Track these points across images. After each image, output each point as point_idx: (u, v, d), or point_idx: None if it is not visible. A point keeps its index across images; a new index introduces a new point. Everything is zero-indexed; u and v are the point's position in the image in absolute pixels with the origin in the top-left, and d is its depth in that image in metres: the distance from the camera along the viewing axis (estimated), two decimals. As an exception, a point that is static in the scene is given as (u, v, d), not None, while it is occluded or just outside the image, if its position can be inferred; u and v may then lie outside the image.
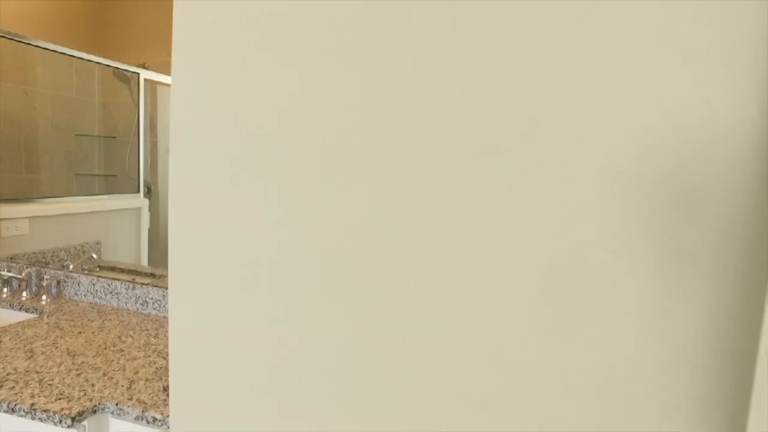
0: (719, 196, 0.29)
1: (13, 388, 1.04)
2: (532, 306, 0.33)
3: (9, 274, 1.64)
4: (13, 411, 0.99)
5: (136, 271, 1.70)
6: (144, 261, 1.75)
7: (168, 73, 1.72)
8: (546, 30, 0.31)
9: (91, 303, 1.64)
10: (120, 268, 1.71)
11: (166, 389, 1.07)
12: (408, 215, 0.34)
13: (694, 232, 0.30)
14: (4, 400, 1.00)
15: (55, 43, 1.81)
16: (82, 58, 1.84)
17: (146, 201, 1.82)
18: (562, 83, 0.31)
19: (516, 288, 0.33)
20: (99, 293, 1.64)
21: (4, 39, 1.78)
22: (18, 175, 1.85)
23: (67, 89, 1.89)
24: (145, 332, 1.39)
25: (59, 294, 1.69)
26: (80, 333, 1.36)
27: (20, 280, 1.66)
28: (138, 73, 1.80)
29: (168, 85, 1.75)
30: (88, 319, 1.48)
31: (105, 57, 1.81)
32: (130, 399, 1.01)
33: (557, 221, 0.32)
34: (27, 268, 1.69)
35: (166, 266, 1.68)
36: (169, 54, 1.71)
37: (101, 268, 1.72)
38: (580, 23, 0.30)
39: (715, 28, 0.28)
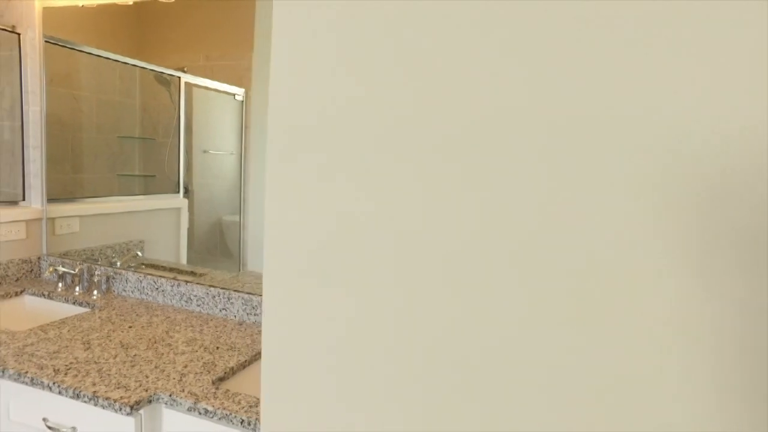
0: (762, 194, 0.32)
1: (76, 375, 1.14)
2: (568, 308, 0.38)
3: (63, 269, 1.76)
4: (77, 397, 1.09)
5: (178, 269, 1.79)
6: (183, 259, 1.85)
7: (204, 76, 1.81)
8: (592, 31, 0.36)
9: (138, 299, 1.75)
10: (162, 266, 1.81)
11: (215, 383, 1.15)
12: (450, 213, 0.40)
13: (735, 231, 0.33)
14: (69, 387, 1.09)
15: (100, 49, 1.92)
16: (126, 63, 1.94)
17: (186, 201, 1.91)
18: (603, 82, 0.36)
19: (554, 290, 0.38)
20: (145, 290, 1.74)
21: (56, 46, 1.91)
22: (66, 175, 1.98)
23: (110, 93, 2.00)
24: (191, 328, 1.48)
25: (108, 290, 1.80)
26: (130, 327, 1.46)
27: (73, 275, 1.78)
28: (179, 77, 1.89)
29: (205, 88, 1.83)
30: (137, 314, 1.58)
31: (146, 61, 1.91)
32: (182, 391, 1.09)
33: (597, 219, 0.37)
34: (79, 264, 1.81)
35: (203, 264, 1.77)
36: (206, 58, 1.80)
37: (145, 265, 1.82)
38: (628, 24, 0.35)
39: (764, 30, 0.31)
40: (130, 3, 1.82)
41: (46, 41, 1.90)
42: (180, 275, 1.75)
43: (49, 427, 1.15)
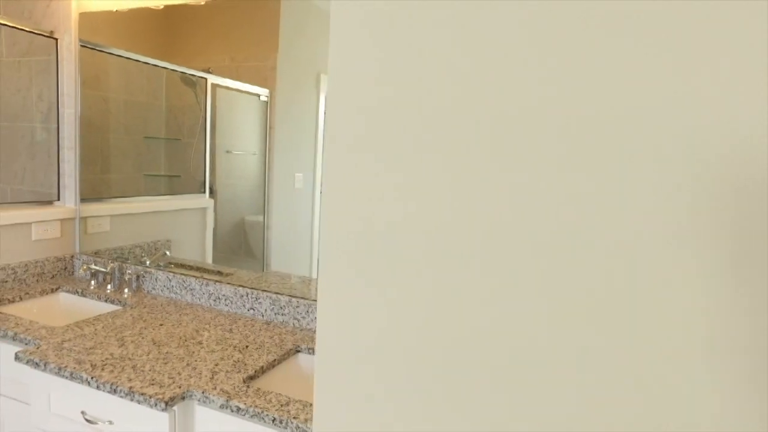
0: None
1: (112, 371, 1.18)
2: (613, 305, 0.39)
3: (96, 267, 1.82)
4: (114, 392, 1.13)
5: (204, 269, 1.83)
6: (209, 259, 1.89)
7: (229, 76, 1.85)
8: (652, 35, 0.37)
9: (167, 298, 1.79)
10: (189, 266, 1.86)
11: (245, 381, 1.18)
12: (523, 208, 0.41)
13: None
14: (106, 382, 1.13)
15: (129, 51, 1.98)
16: (153, 64, 2.00)
17: (212, 201, 1.95)
18: (637, 82, 0.37)
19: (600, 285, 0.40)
20: (174, 288, 1.79)
21: (89, 49, 1.97)
22: (95, 175, 2.04)
23: (137, 94, 2.05)
24: (220, 327, 1.52)
25: (138, 288, 1.85)
26: (161, 325, 1.50)
27: (105, 273, 1.83)
28: (205, 78, 1.93)
29: (230, 89, 1.87)
30: (167, 313, 1.62)
31: (173, 63, 1.95)
32: (214, 388, 1.12)
33: (635, 215, 0.38)
34: (111, 263, 1.87)
35: (227, 264, 1.81)
36: (232, 59, 1.84)
37: (174, 265, 1.87)
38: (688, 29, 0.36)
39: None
40: (161, 7, 1.87)
41: (81, 45, 1.96)
42: (207, 274, 1.79)
43: (87, 420, 1.20)
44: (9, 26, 1.88)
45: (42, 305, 1.78)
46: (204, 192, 1.96)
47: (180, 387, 1.13)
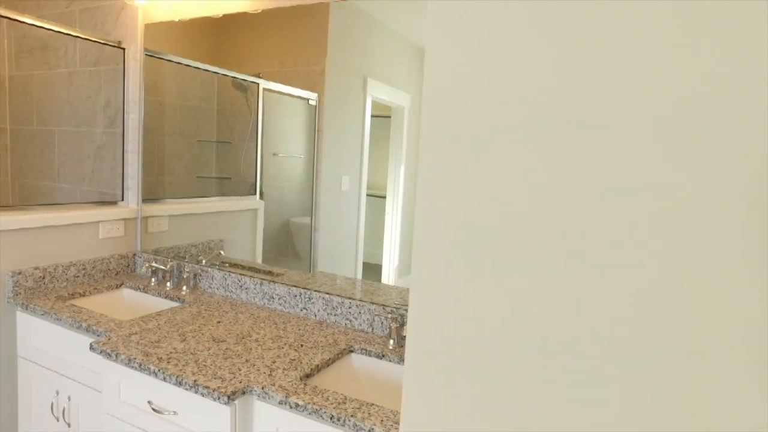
0: None
1: (177, 364, 1.25)
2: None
3: (156, 265, 1.92)
4: (180, 384, 1.19)
5: (256, 269, 1.90)
6: (259, 259, 1.95)
7: (279, 81, 1.91)
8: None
9: (223, 296, 1.87)
10: (242, 265, 1.93)
11: (302, 378, 1.22)
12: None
13: None
14: (172, 374, 1.20)
15: (184, 58, 2.07)
16: (206, 70, 2.08)
17: (262, 203, 2.01)
18: (714, 85, 0.38)
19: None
20: (230, 287, 1.86)
21: (151, 58, 2.08)
22: (153, 177, 2.15)
23: (191, 99, 2.15)
24: (275, 326, 1.57)
25: (196, 286, 1.94)
26: (219, 322, 1.57)
27: (165, 271, 1.93)
28: (257, 83, 1.99)
29: (281, 93, 1.92)
30: (223, 310, 1.69)
31: (225, 68, 2.03)
32: (273, 385, 1.17)
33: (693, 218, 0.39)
34: (170, 261, 1.96)
35: (275, 264, 1.87)
36: (281, 64, 1.89)
37: (228, 264, 1.95)
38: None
39: None
40: (219, 15, 1.95)
41: (145, 54, 2.08)
42: (259, 274, 1.85)
43: (154, 410, 1.27)
44: (82, 38, 2.01)
45: (108, 299, 1.89)
46: (254, 194, 2.02)
47: (240, 382, 1.18)
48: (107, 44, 2.07)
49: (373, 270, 1.71)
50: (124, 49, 2.09)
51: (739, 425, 0.39)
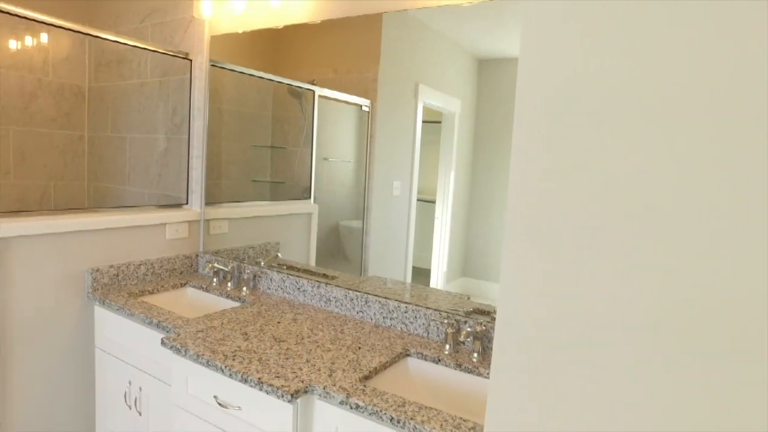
0: None
1: (242, 362, 1.31)
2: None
3: (218, 266, 2.01)
4: (245, 381, 1.25)
5: (311, 271, 1.95)
6: (312, 261, 2.01)
7: (332, 87, 1.95)
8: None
9: (281, 297, 1.94)
10: (297, 267, 1.99)
11: (361, 380, 1.25)
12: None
13: None
14: (238, 371, 1.26)
15: (242, 66, 2.16)
16: (265, 78, 2.16)
17: (317, 206, 2.06)
18: None
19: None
20: (288, 289, 1.93)
21: (215, 68, 2.18)
22: (212, 181, 2.25)
23: (248, 106, 2.24)
24: (332, 328, 1.62)
25: (255, 287, 2.02)
26: (279, 323, 1.64)
27: (226, 272, 2.02)
28: (313, 90, 2.05)
29: (335, 100, 1.97)
30: (282, 311, 1.76)
31: (280, 76, 2.10)
32: (334, 385, 1.21)
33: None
34: (231, 262, 2.06)
35: (325, 267, 1.91)
36: (335, 71, 1.94)
37: (286, 267, 2.02)
38: None
39: None
40: (280, 27, 2.02)
41: (210, 64, 2.19)
42: (314, 277, 1.91)
43: (219, 404, 1.34)
44: (154, 51, 2.14)
45: (173, 297, 2.00)
46: (308, 198, 2.08)
47: (302, 381, 1.22)
48: (176, 56, 2.19)
49: (421, 274, 1.73)
50: (191, 60, 2.21)
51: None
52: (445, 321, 1.48)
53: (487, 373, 1.34)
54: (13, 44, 2.48)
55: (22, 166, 2.56)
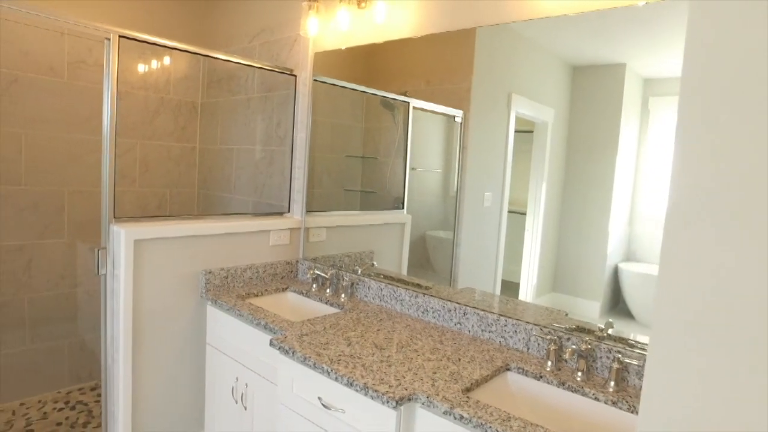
0: None
1: (346, 366, 1.38)
2: None
3: (319, 273, 2.12)
4: (350, 385, 1.32)
5: (404, 281, 2.00)
6: (404, 271, 2.05)
7: (424, 99, 1.98)
8: None
9: (378, 305, 2.01)
10: (391, 277, 2.04)
11: (464, 392, 1.27)
12: None
13: None
14: (343, 375, 1.33)
15: (336, 79, 2.26)
16: (363, 91, 2.24)
17: (410, 217, 2.10)
18: None
19: None
20: (385, 297, 1.99)
21: (316, 82, 2.30)
22: (309, 190, 2.37)
23: (341, 117, 2.33)
24: (431, 338, 1.65)
25: (352, 294, 2.11)
26: (378, 330, 1.69)
27: (325, 278, 2.13)
28: (408, 102, 2.09)
29: (429, 111, 2.00)
30: (380, 320, 1.82)
31: (373, 88, 2.17)
32: (437, 395, 1.24)
33: None
34: (330, 269, 2.16)
35: (414, 276, 1.94)
36: (427, 83, 1.97)
37: (383, 276, 2.08)
38: None
39: None
40: (381, 42, 2.10)
41: (313, 79, 2.33)
42: (409, 286, 1.94)
43: (323, 405, 1.41)
44: (262, 68, 2.32)
45: (275, 300, 2.14)
46: (400, 208, 2.12)
47: (406, 389, 1.27)
48: (282, 72, 2.36)
49: (509, 287, 1.71)
50: (295, 75, 2.36)
51: None
52: (547, 337, 1.46)
53: (593, 394, 1.31)
54: (141, 67, 2.79)
55: (146, 175, 2.87)
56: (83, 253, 2.71)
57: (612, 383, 1.32)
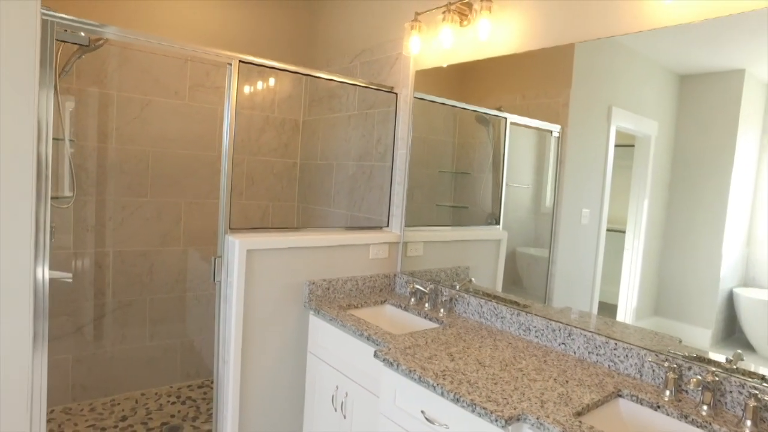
0: None
1: (452, 382, 1.42)
2: None
3: (418, 287, 2.18)
4: (456, 401, 1.35)
5: (501, 298, 2.00)
6: (498, 287, 2.05)
7: (520, 113, 1.98)
8: None
9: (477, 322, 2.03)
10: (488, 293, 2.05)
11: (575, 416, 1.26)
12: None
13: None
14: (450, 390, 1.37)
15: (432, 95, 2.31)
16: (447, 104, 2.29)
17: (505, 233, 2.10)
18: None
19: None
20: (485, 314, 2.01)
21: (415, 99, 2.38)
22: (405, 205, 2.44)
23: (435, 133, 2.38)
24: (535, 357, 1.65)
25: (451, 309, 2.15)
26: (480, 347, 1.72)
27: (423, 293, 2.19)
28: (504, 117, 2.10)
29: (525, 126, 1.99)
30: (481, 336, 1.84)
31: (467, 103, 2.19)
32: (548, 417, 1.24)
33: None
34: (429, 284, 2.21)
35: (509, 294, 1.93)
36: (523, 97, 1.97)
37: (482, 292, 2.10)
38: None
39: None
40: (481, 58, 2.14)
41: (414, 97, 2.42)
42: (507, 304, 1.94)
43: (427, 419, 1.46)
44: (363, 86, 2.45)
45: (374, 313, 2.23)
46: (495, 224, 2.13)
47: (515, 409, 1.28)
48: (383, 90, 2.47)
49: (606, 309, 1.66)
50: (396, 93, 2.47)
51: None
52: (665, 364, 1.40)
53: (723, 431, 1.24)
54: (247, 89, 3.05)
55: (251, 189, 3.11)
56: (194, 260, 3.00)
57: (748, 422, 1.24)
